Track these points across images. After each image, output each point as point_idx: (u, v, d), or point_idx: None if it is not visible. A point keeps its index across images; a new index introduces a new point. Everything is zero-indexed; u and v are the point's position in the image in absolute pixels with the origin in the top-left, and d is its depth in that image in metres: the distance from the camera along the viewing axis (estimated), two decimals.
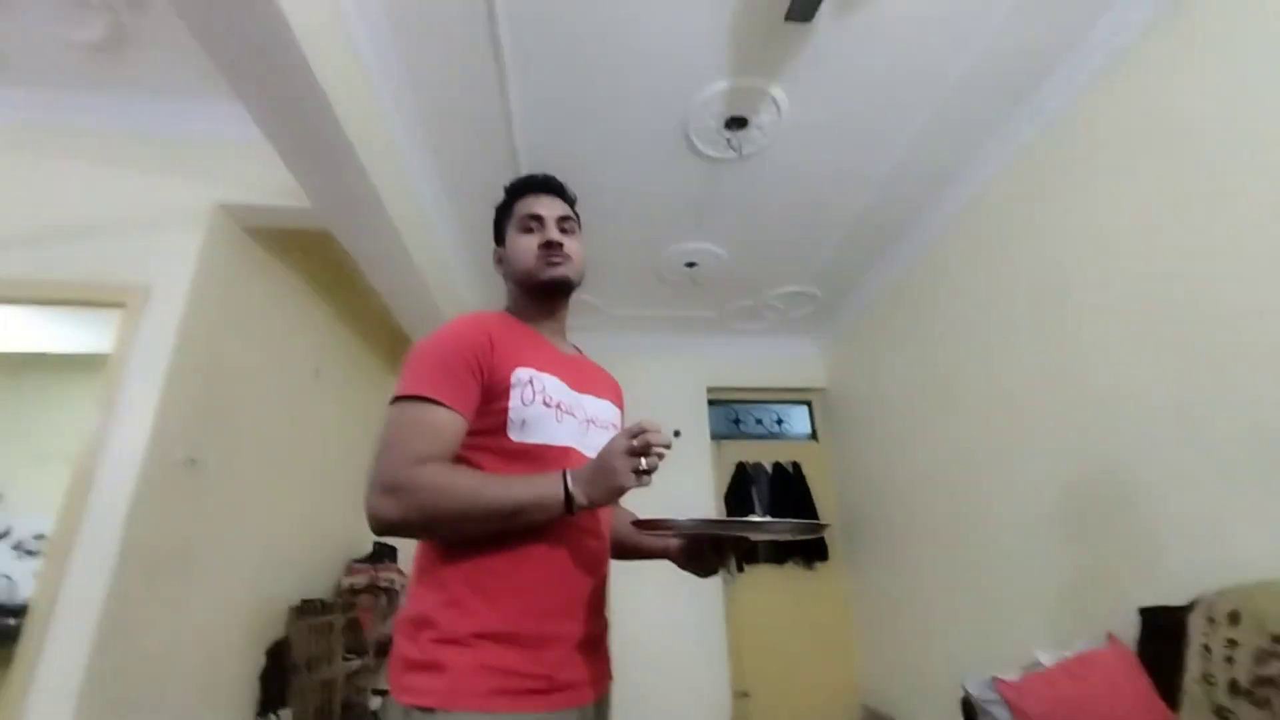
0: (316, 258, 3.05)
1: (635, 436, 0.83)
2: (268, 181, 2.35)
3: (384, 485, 0.84)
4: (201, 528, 2.30)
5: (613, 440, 0.86)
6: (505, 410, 0.93)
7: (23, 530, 3.45)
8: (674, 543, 1.08)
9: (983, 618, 2.77)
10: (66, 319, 3.25)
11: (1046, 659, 1.66)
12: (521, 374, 0.95)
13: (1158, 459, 1.91)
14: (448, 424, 0.89)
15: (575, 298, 1.15)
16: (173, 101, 2.38)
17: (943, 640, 3.06)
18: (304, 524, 3.11)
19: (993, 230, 2.77)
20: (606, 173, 2.78)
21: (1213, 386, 1.75)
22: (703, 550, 1.02)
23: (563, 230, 1.09)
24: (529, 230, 1.08)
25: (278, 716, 2.63)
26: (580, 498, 0.84)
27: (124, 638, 1.92)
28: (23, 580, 3.32)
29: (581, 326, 3.93)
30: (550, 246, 1.06)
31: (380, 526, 0.84)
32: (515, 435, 0.92)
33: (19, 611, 3.03)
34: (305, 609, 2.90)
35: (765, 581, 4.20)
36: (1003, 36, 2.13)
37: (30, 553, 3.36)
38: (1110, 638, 1.69)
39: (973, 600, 2.86)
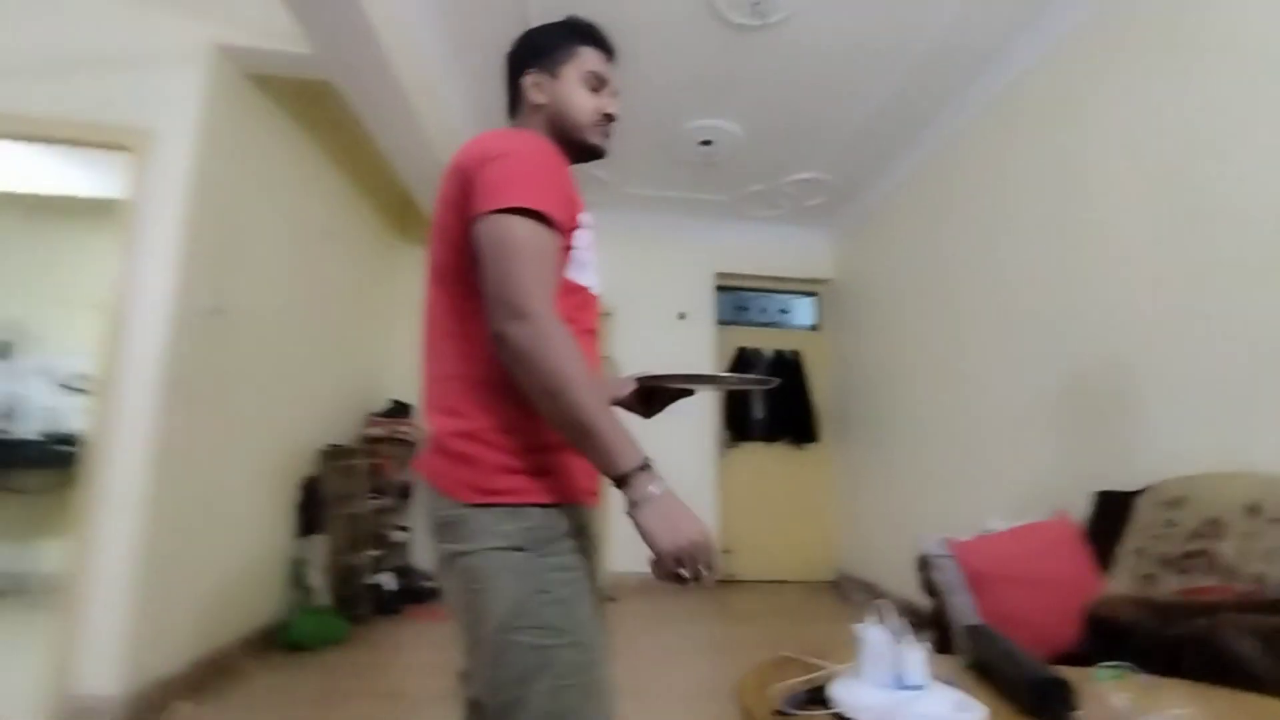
0: (325, 114, 2.97)
1: (703, 559, 0.74)
2: (268, 24, 2.24)
3: (518, 309, 0.75)
4: (232, 373, 2.46)
5: (701, 529, 0.75)
6: (572, 247, 0.91)
7: (61, 370, 3.66)
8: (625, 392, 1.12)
9: (951, 494, 3.01)
10: (76, 161, 3.23)
11: (999, 526, 1.84)
12: (585, 216, 0.94)
13: (1145, 361, 1.99)
14: (558, 258, 0.85)
15: (585, 170, 1.09)
16: None
17: (912, 514, 3.34)
18: (325, 376, 3.29)
19: (1016, 126, 2.67)
20: (623, 37, 2.56)
21: (1216, 293, 1.79)
22: (657, 397, 1.10)
23: None
24: (594, 89, 1.04)
25: (314, 540, 2.97)
26: (645, 490, 0.75)
27: (177, 461, 2.14)
28: (68, 413, 3.57)
29: (591, 203, 3.87)
30: (611, 120, 1.05)
31: (507, 352, 0.76)
32: (569, 272, 0.91)
33: (69, 440, 3.33)
34: (332, 452, 3.18)
35: (756, 456, 4.49)
36: None
37: (73, 389, 3.59)
38: (1059, 512, 1.87)
39: (945, 479, 3.09)
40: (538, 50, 1.05)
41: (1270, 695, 0.99)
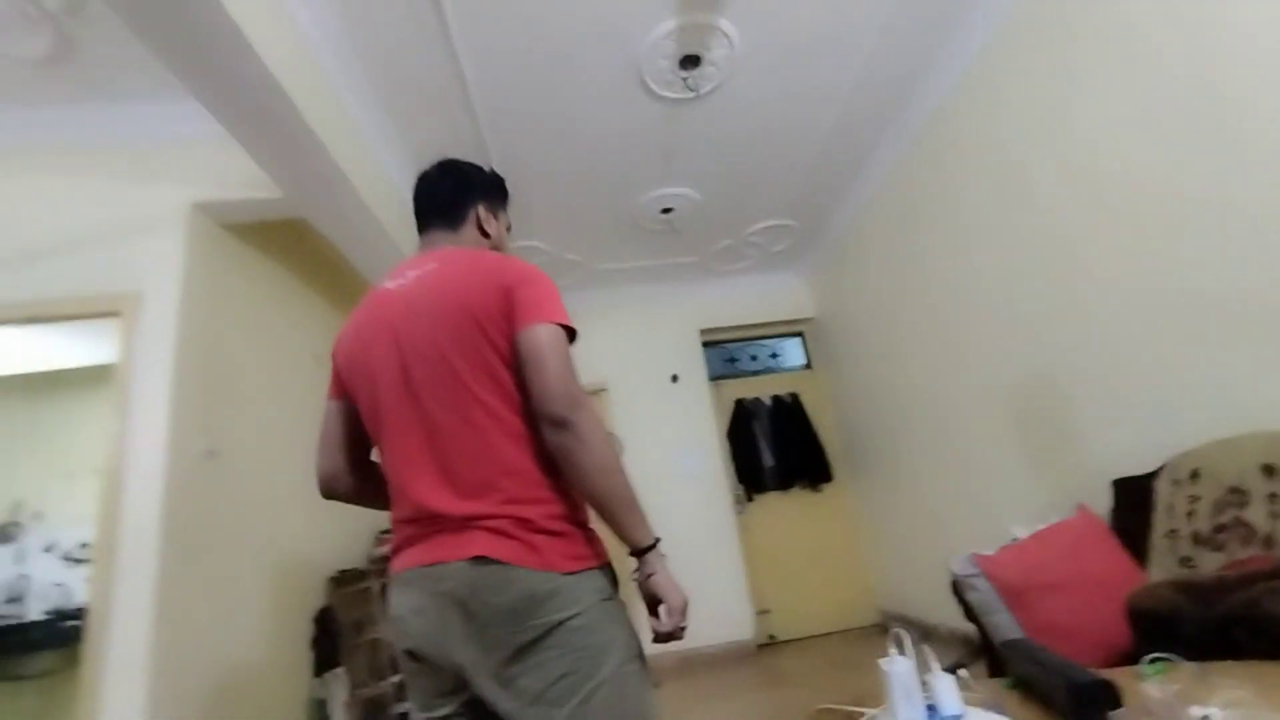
0: (300, 248, 3.11)
1: (681, 624, 0.99)
2: (237, 175, 2.39)
3: (578, 400, 0.92)
4: (231, 514, 2.44)
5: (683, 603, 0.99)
6: None
7: (67, 542, 3.63)
8: None
9: (975, 509, 2.93)
10: (69, 334, 3.34)
11: (1022, 533, 1.78)
12: None
13: (1122, 343, 2.00)
14: None
15: (558, 255, 1.30)
16: (131, 105, 2.40)
17: (940, 537, 3.24)
18: (329, 502, 3.26)
19: (953, 140, 2.79)
20: (568, 124, 2.79)
21: (1165, 269, 1.83)
22: None
23: None
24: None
25: (334, 675, 2.84)
26: (662, 558, 0.98)
27: (179, 617, 2.09)
28: (76, 586, 3.51)
29: (567, 286, 3.99)
30: None
31: (570, 436, 0.90)
32: None
33: (78, 614, 3.25)
34: (342, 578, 3.09)
35: (773, 507, 4.38)
36: None
37: (79, 560, 3.54)
38: (1081, 508, 1.82)
39: (961, 497, 3.01)
40: (489, 188, 1.24)
41: None
